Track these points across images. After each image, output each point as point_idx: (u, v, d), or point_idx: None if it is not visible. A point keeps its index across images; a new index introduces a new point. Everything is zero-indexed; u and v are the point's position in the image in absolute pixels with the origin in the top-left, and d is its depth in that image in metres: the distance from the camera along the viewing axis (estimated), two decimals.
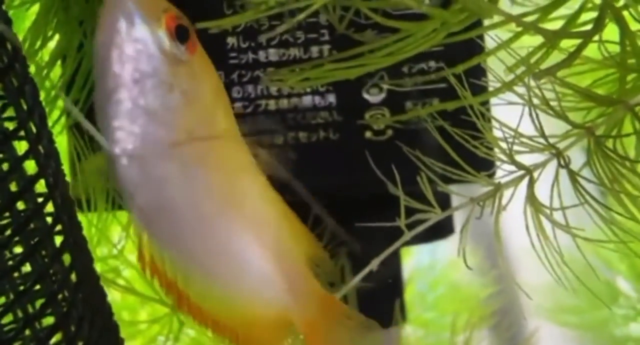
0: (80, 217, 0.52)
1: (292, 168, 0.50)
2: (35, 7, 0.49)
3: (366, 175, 0.51)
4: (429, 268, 0.89)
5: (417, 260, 0.88)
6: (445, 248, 0.85)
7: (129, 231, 0.55)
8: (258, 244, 0.39)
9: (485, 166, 0.47)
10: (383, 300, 0.58)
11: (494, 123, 0.39)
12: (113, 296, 0.63)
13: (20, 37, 0.46)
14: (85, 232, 0.45)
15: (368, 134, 0.51)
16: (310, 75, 0.38)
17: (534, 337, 0.76)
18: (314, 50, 0.51)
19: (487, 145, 0.40)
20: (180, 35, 0.38)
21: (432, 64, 0.51)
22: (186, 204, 0.36)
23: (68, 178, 0.52)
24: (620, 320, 0.83)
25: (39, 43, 0.49)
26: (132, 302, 0.61)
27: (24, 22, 0.49)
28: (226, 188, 0.38)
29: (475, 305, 0.87)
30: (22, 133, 0.32)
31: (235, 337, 0.38)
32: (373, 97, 0.51)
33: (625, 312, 0.83)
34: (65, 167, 0.53)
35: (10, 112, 0.32)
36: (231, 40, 0.51)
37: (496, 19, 0.35)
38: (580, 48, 0.31)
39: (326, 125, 0.51)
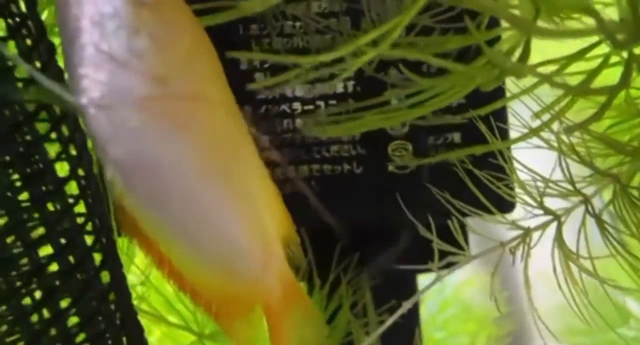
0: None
1: (316, 200, 0.52)
2: None
3: (389, 208, 0.52)
4: (440, 288, 0.90)
5: (427, 281, 0.89)
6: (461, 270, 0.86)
7: None
8: (240, 216, 0.37)
9: (505, 205, 0.49)
10: (402, 329, 0.59)
11: (516, 164, 0.41)
12: None
13: None
14: None
15: (391, 168, 0.53)
16: (338, 132, 0.39)
17: None
18: (339, 86, 0.52)
19: (508, 184, 0.41)
20: None
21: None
22: (166, 162, 0.34)
23: None
24: (631, 342, 0.84)
25: None
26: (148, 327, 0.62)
27: None
28: (211, 152, 0.35)
29: (486, 326, 0.88)
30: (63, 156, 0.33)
31: (209, 307, 0.36)
32: (396, 131, 0.53)
33: (636, 334, 0.83)
34: None
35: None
36: (259, 76, 0.52)
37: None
38: (608, 103, 0.32)
39: (350, 159, 0.53)
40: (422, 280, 0.86)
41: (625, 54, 0.33)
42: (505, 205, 0.47)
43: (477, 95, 0.47)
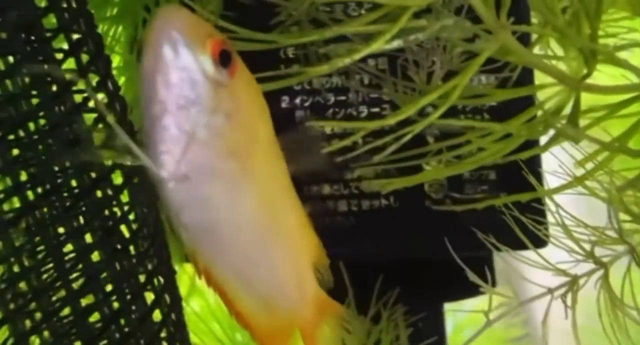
0: None
1: (355, 235, 0.53)
2: None
3: (426, 242, 0.54)
4: (457, 309, 0.91)
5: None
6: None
7: (194, 282, 0.58)
8: (281, 255, 0.42)
9: (538, 242, 0.50)
10: None
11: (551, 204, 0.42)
12: None
13: None
14: None
15: (427, 203, 0.54)
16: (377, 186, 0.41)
17: None
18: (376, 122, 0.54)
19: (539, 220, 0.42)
20: (223, 60, 0.38)
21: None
22: (229, 221, 0.39)
23: None
24: None
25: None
26: None
27: None
28: (264, 205, 0.40)
29: None
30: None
31: (259, 336, 0.42)
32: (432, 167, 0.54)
33: None
34: None
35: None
36: (299, 114, 0.54)
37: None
38: None
39: (387, 194, 0.54)
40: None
41: None
42: (539, 243, 0.49)
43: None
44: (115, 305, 0.34)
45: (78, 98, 0.36)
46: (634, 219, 0.37)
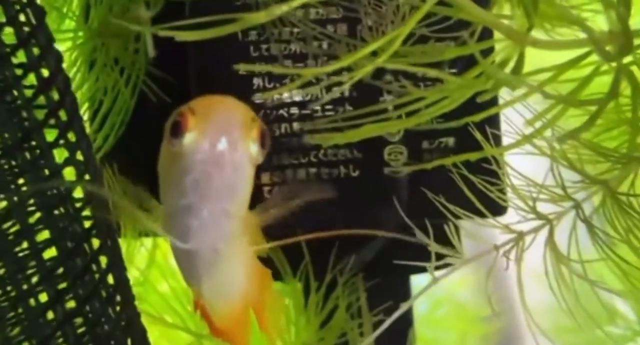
0: None
1: (313, 203, 0.53)
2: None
3: (385, 210, 0.54)
4: (432, 288, 0.91)
5: (420, 280, 0.90)
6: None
7: (154, 257, 0.57)
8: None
9: (497, 209, 0.50)
10: (396, 328, 0.60)
11: (509, 169, 0.42)
12: None
13: None
14: None
15: (386, 171, 0.54)
16: (337, 139, 0.41)
17: None
18: (335, 91, 0.53)
19: (501, 189, 0.42)
20: (263, 140, 0.42)
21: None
22: (234, 280, 0.45)
23: None
24: (618, 340, 0.86)
25: (76, 84, 0.51)
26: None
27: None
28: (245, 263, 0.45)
29: (477, 325, 0.89)
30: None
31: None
32: (391, 135, 0.54)
33: (623, 333, 0.85)
34: None
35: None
36: (257, 81, 0.53)
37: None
38: (598, 112, 0.33)
39: (347, 162, 0.54)
40: (416, 280, 0.88)
41: (614, 65, 0.34)
42: (498, 209, 0.49)
43: (471, 102, 0.49)
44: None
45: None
46: (575, 170, 0.36)
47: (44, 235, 0.34)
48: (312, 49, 0.51)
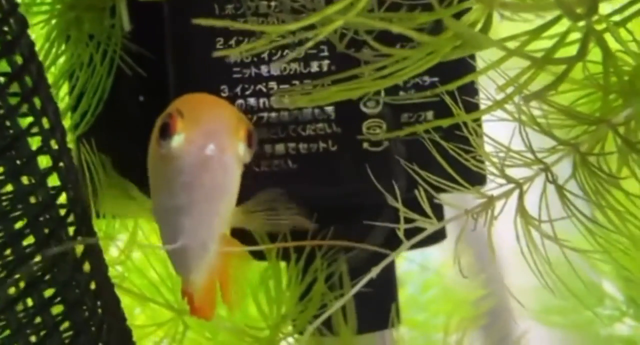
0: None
1: (292, 178, 0.53)
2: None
3: (364, 185, 0.53)
4: (421, 270, 0.91)
5: (409, 263, 0.90)
6: (437, 251, 0.88)
7: (135, 237, 0.57)
8: None
9: (476, 178, 0.50)
10: (379, 304, 0.60)
11: (485, 138, 0.42)
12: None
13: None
14: None
15: (365, 145, 0.54)
16: (314, 97, 0.40)
17: (523, 337, 0.78)
18: (314, 65, 0.53)
19: (478, 158, 0.42)
20: (250, 140, 0.43)
21: (427, 78, 0.53)
22: None
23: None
24: (606, 320, 0.86)
25: (50, 59, 0.50)
26: (130, 305, 0.63)
27: (37, 39, 0.51)
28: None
29: (466, 307, 0.89)
30: (45, 149, 0.34)
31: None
32: (370, 109, 0.54)
33: (611, 313, 0.85)
34: None
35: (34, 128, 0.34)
36: (236, 59, 0.53)
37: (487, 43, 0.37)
38: (565, 72, 0.33)
39: (325, 137, 0.54)
40: (401, 261, 0.88)
41: (582, 25, 0.34)
42: (477, 179, 0.49)
43: (449, 73, 0.48)
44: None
45: None
46: (544, 133, 0.36)
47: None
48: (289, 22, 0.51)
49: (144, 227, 0.58)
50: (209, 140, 0.39)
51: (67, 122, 0.55)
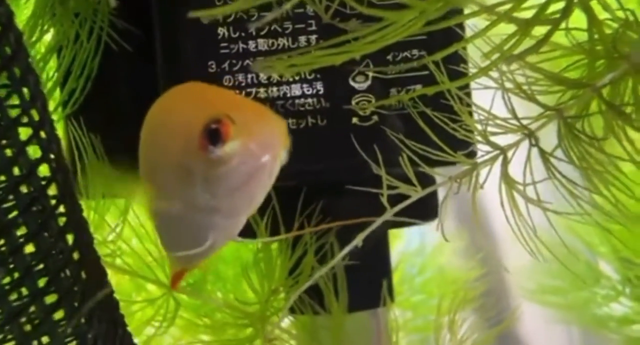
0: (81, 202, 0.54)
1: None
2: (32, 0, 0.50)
3: (353, 160, 0.53)
4: (418, 252, 0.91)
5: (407, 244, 0.90)
6: (435, 232, 0.88)
7: (126, 217, 0.57)
8: None
9: (465, 149, 0.50)
10: (371, 282, 0.60)
11: (474, 107, 0.42)
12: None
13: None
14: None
15: (354, 120, 0.54)
16: (297, 62, 0.40)
17: (516, 315, 0.78)
18: (302, 39, 0.53)
19: (466, 128, 0.42)
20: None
21: (415, 52, 0.53)
22: None
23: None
24: (602, 300, 0.86)
25: (36, 35, 0.50)
26: (127, 288, 0.63)
27: (21, 14, 0.51)
28: None
29: (462, 288, 0.90)
30: (25, 119, 0.34)
31: None
32: (359, 84, 0.53)
33: (607, 293, 0.85)
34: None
35: (14, 100, 0.34)
36: (222, 31, 0.53)
37: (472, 7, 0.37)
38: (548, 34, 0.33)
39: (314, 112, 0.53)
40: (399, 242, 0.88)
41: None
42: (465, 148, 0.48)
43: (437, 46, 0.48)
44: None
45: None
46: (528, 98, 0.36)
47: None
48: None
49: (134, 207, 0.58)
50: (266, 151, 0.39)
51: (55, 101, 0.55)
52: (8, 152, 0.33)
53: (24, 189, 0.33)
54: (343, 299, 0.57)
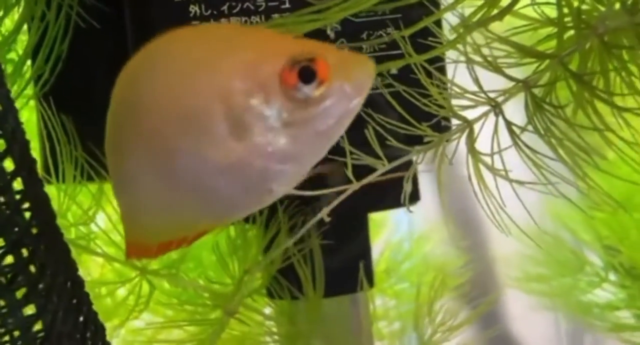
0: (53, 187, 0.53)
1: None
2: None
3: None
4: (405, 240, 0.91)
5: (393, 232, 0.90)
6: (421, 220, 0.87)
7: (99, 201, 0.57)
8: None
9: (441, 128, 0.49)
10: (350, 266, 0.60)
11: (445, 82, 0.41)
12: (89, 271, 0.65)
13: None
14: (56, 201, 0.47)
15: None
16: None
17: (494, 300, 0.78)
18: (276, 17, 0.52)
19: (436, 103, 0.41)
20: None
21: (390, 31, 0.52)
22: None
23: (36, 145, 0.54)
24: (586, 287, 0.86)
25: (1, 13, 0.49)
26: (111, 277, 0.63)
27: None
28: None
29: (447, 275, 0.89)
30: None
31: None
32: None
33: (590, 279, 0.85)
34: (34, 136, 0.55)
35: None
36: (194, 9, 0.52)
37: None
38: (512, 3, 0.32)
39: None
40: (385, 230, 0.87)
41: None
42: (443, 128, 0.47)
43: (410, 21, 0.47)
44: None
45: None
46: (494, 70, 0.36)
47: None
48: None
49: (108, 192, 0.58)
50: (358, 95, 0.36)
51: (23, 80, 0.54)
52: None
53: None
54: (320, 283, 0.56)
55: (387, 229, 0.88)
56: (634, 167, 0.37)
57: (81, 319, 0.37)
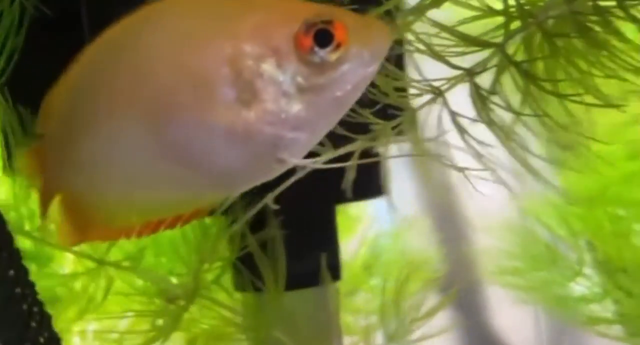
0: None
1: None
2: None
3: None
4: (383, 235, 0.91)
5: (372, 228, 0.90)
6: (398, 216, 0.88)
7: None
8: None
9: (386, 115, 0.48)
10: (314, 259, 0.59)
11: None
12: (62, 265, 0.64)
13: None
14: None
15: None
16: None
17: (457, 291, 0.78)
18: None
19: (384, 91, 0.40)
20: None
21: None
22: None
23: None
24: (560, 280, 0.87)
25: None
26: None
27: None
28: None
29: (424, 270, 0.89)
30: None
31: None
32: None
33: (564, 273, 0.86)
34: None
35: None
36: None
37: None
38: None
39: None
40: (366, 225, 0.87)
41: None
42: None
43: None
44: None
45: None
46: (437, 58, 0.35)
47: None
48: None
49: None
50: (376, 61, 0.34)
51: None
52: None
53: None
54: (282, 275, 0.56)
55: (364, 224, 0.88)
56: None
57: (25, 307, 0.37)
